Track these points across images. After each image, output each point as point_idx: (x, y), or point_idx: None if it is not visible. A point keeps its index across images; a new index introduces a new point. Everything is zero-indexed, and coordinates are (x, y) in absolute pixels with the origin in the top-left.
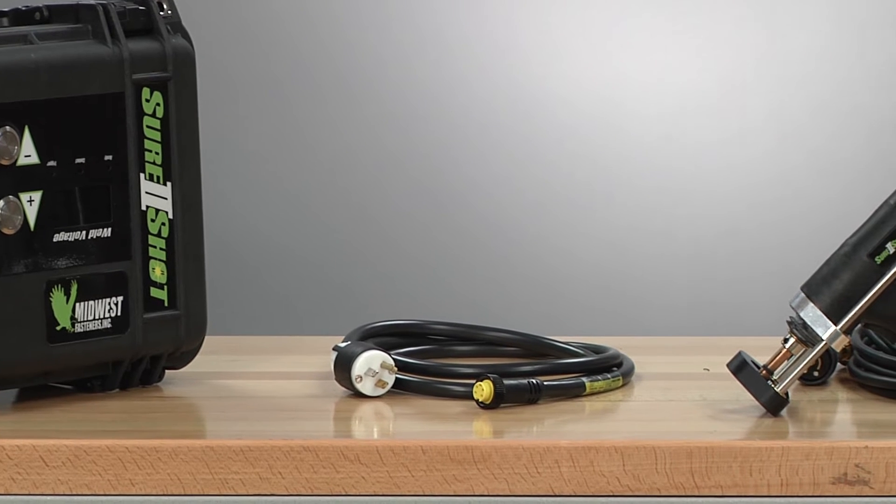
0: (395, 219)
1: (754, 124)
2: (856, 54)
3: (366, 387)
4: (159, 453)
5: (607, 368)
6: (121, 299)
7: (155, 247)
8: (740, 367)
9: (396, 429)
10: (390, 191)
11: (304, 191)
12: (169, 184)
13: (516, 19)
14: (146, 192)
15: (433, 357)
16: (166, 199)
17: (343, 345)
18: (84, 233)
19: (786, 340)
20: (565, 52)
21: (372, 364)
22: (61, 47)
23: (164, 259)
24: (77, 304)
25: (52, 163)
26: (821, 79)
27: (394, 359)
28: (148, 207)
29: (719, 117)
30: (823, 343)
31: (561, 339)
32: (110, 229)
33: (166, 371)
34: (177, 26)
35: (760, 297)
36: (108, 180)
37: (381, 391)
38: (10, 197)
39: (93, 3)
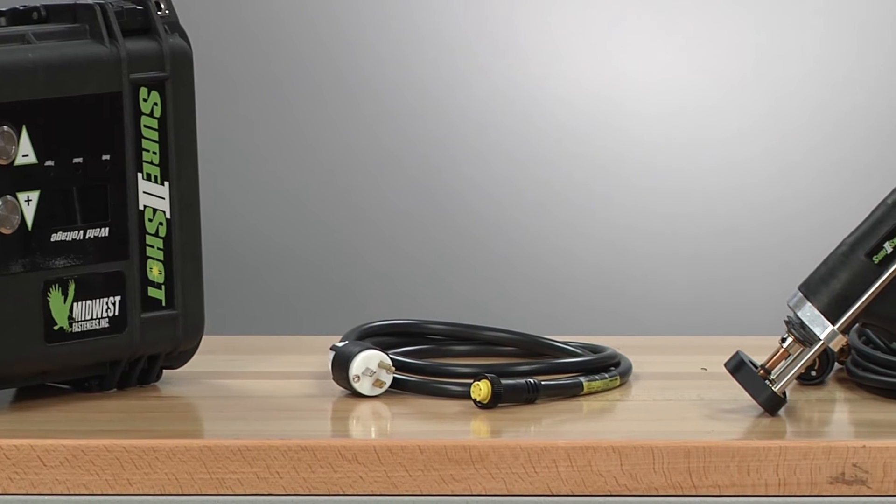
0: (394, 218)
1: (753, 124)
2: (855, 54)
3: (363, 386)
4: (157, 453)
5: (605, 368)
6: (118, 299)
7: (153, 246)
8: (738, 367)
9: (394, 428)
10: (389, 190)
11: (303, 190)
12: (166, 183)
13: (516, 19)
14: (144, 192)
15: (431, 357)
16: (164, 198)
17: (341, 344)
18: (82, 232)
19: (783, 340)
20: (564, 52)
21: (369, 364)
22: (59, 47)
23: (161, 259)
24: (75, 304)
25: (49, 162)
26: (820, 79)
27: (391, 358)
28: (145, 207)
29: (718, 117)
30: (821, 343)
31: (559, 338)
32: (108, 229)
33: (164, 371)
34: (174, 26)
35: (760, 296)
36: (106, 180)
37: (379, 391)
38: (8, 196)
39: (90, 2)
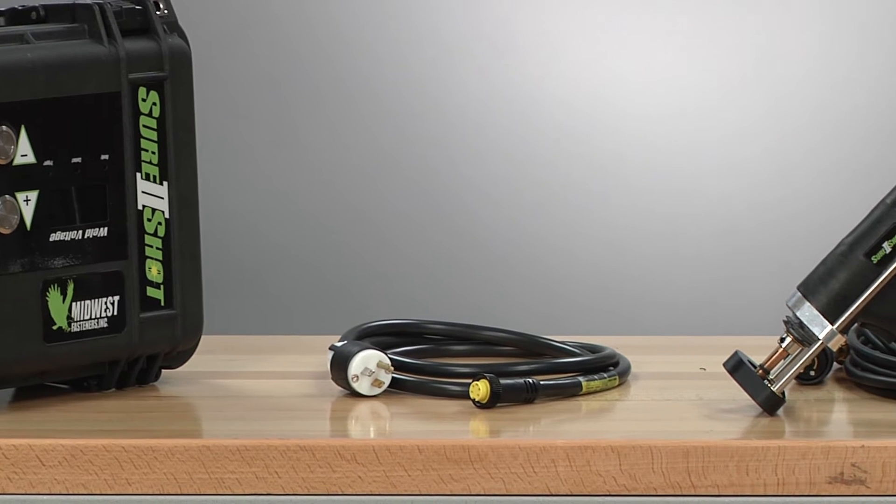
0: (392, 218)
1: (753, 124)
2: (855, 54)
3: (362, 386)
4: (156, 453)
5: (604, 368)
6: (117, 299)
7: (151, 246)
8: (737, 367)
9: (393, 428)
10: (387, 190)
11: (301, 190)
12: (165, 183)
13: (514, 19)
14: (142, 192)
15: (430, 356)
16: (163, 198)
17: (339, 344)
18: (80, 232)
19: (782, 340)
20: (563, 52)
21: (368, 363)
22: (58, 47)
23: (160, 258)
24: (73, 304)
25: (48, 162)
26: (820, 79)
27: (390, 358)
28: (144, 207)
29: (718, 117)
30: (820, 342)
31: (557, 338)
32: (107, 229)
33: (163, 370)
34: (173, 26)
35: (760, 296)
36: (105, 180)
37: (378, 390)
38: (7, 196)
39: (89, 2)
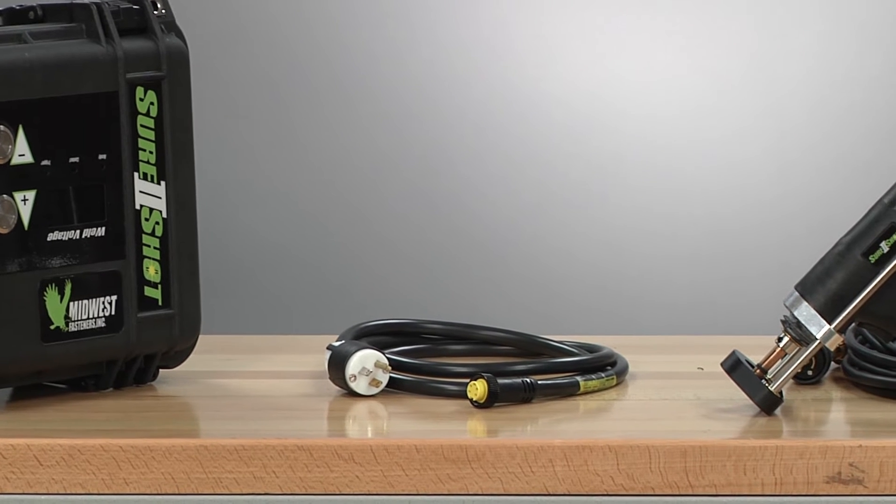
0: (391, 218)
1: (752, 124)
2: (854, 53)
3: (360, 386)
4: (153, 452)
5: (601, 367)
6: (115, 298)
7: (149, 246)
8: (734, 367)
9: (390, 428)
10: (385, 190)
11: (299, 190)
12: (163, 183)
13: (513, 21)
14: (140, 192)
15: (427, 356)
16: (160, 198)
17: (337, 344)
18: (78, 232)
19: (780, 339)
20: (561, 52)
21: (366, 363)
22: (55, 46)
23: (158, 258)
24: (71, 304)
25: (46, 162)
26: (818, 78)
27: (388, 358)
28: (142, 206)
29: (716, 117)
30: (817, 342)
31: (555, 338)
32: (104, 228)
33: (160, 370)
34: (171, 25)
35: (759, 296)
36: (102, 179)
37: (376, 390)
38: (4, 196)
39: (87, 2)
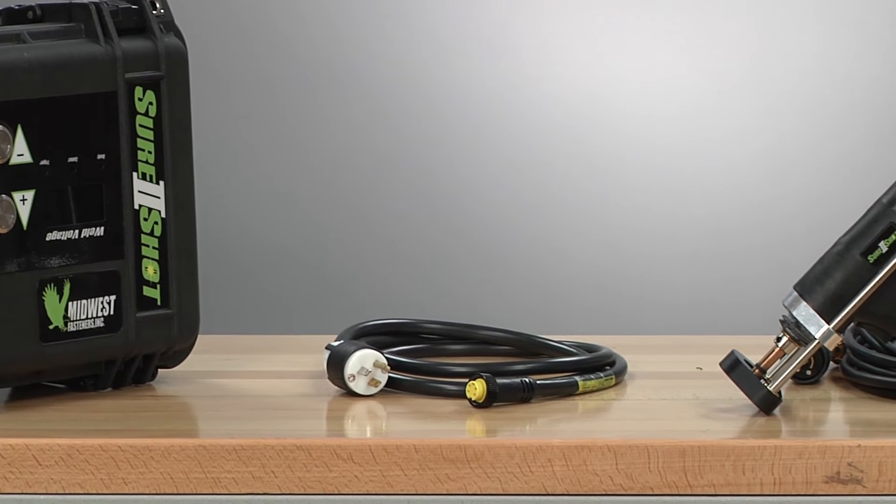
0: (389, 218)
1: (751, 123)
2: (853, 53)
3: (359, 386)
4: (152, 452)
5: (600, 367)
6: (113, 298)
7: (148, 246)
8: (733, 366)
9: (389, 428)
10: (384, 190)
11: (297, 189)
12: (162, 183)
13: (512, 21)
14: (139, 191)
15: (426, 356)
16: (159, 198)
17: (336, 344)
18: (77, 232)
19: (778, 339)
20: (561, 52)
21: (365, 363)
22: (54, 46)
23: (156, 258)
24: (70, 303)
25: (44, 162)
26: (818, 77)
27: (387, 357)
28: (141, 206)
29: (716, 117)
30: (816, 342)
31: (554, 337)
32: (103, 228)
33: (159, 370)
34: (169, 25)
35: (759, 296)
36: (101, 179)
37: (374, 390)
38: (3, 196)
39: (85, 1)
